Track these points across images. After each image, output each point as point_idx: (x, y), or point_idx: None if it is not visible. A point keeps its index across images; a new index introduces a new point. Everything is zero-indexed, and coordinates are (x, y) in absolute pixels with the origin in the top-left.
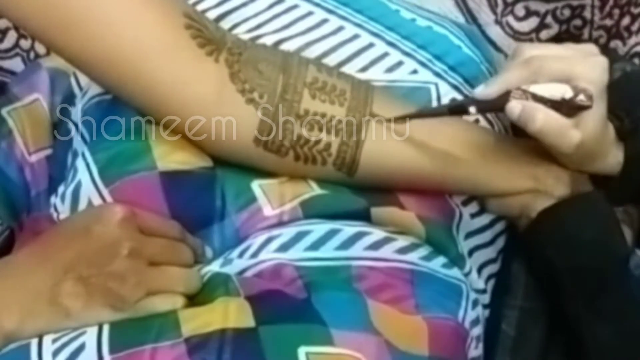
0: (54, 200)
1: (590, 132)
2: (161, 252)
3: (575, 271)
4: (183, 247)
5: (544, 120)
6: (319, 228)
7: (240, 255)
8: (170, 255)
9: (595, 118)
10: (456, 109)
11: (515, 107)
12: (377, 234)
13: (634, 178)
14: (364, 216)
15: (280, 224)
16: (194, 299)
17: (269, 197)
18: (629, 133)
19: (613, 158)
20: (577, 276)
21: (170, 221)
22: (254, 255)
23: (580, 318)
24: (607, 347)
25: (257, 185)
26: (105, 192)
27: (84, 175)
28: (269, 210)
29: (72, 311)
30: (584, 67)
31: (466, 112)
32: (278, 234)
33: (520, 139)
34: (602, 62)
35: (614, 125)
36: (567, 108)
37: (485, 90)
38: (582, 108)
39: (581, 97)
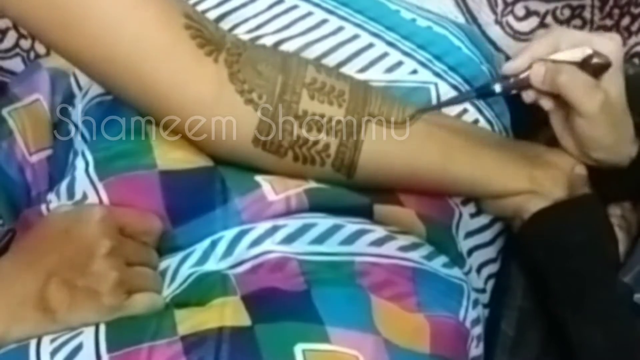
0: (50, 196)
1: (613, 96)
2: (136, 252)
3: (563, 274)
4: (152, 250)
5: (569, 75)
6: (324, 222)
7: (240, 237)
8: (144, 257)
9: (616, 83)
10: (483, 90)
11: (539, 69)
12: (378, 231)
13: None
14: (367, 212)
15: (288, 212)
16: (191, 300)
17: (272, 184)
18: None
19: (626, 149)
20: (565, 279)
21: (150, 215)
22: (258, 241)
23: (569, 321)
24: (596, 349)
25: (259, 177)
26: (99, 185)
27: (80, 170)
28: (272, 196)
29: (58, 315)
30: (602, 37)
31: (492, 92)
32: (284, 224)
33: (519, 141)
34: (618, 37)
35: (633, 120)
36: (588, 68)
37: (512, 64)
38: (603, 68)
39: (602, 57)
